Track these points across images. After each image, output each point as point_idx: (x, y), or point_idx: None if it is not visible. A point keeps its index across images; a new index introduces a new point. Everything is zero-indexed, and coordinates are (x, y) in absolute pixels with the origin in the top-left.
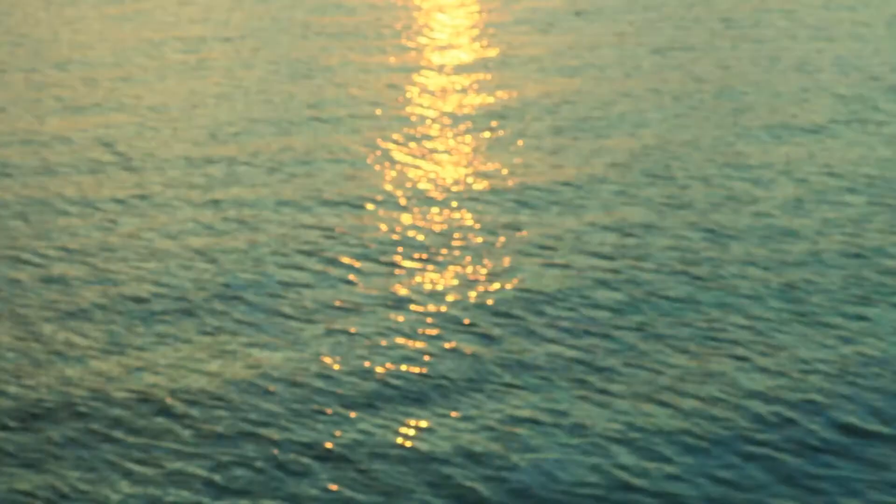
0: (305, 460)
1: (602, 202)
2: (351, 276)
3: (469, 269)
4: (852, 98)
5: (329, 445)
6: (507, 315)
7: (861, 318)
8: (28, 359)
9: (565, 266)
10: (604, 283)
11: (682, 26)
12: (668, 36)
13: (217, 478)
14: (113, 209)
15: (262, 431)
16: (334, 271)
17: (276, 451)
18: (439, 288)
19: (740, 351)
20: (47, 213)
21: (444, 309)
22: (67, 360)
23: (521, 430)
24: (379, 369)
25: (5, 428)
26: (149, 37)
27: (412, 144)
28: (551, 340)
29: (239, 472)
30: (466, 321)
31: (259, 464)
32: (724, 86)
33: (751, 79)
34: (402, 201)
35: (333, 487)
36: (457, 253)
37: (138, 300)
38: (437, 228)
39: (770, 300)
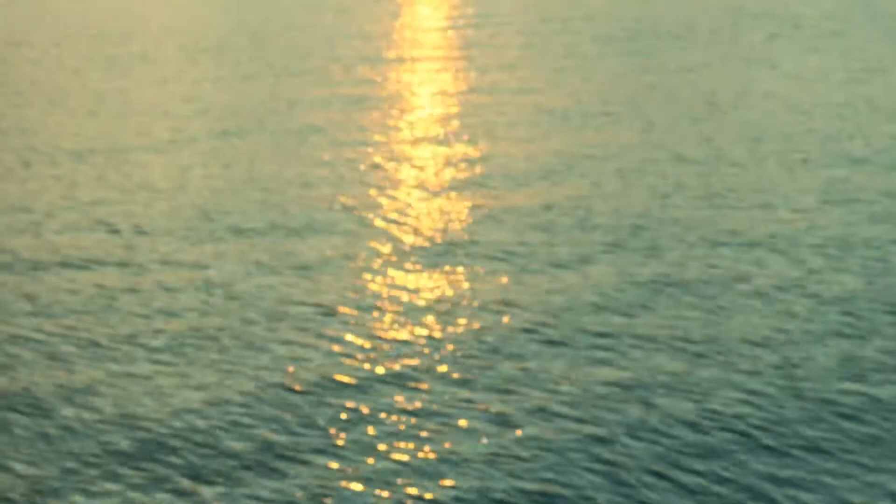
0: None
1: (593, 280)
2: (342, 353)
3: (461, 348)
4: (837, 176)
5: None
6: (503, 393)
7: (856, 393)
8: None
9: (559, 344)
10: (598, 362)
11: (667, 106)
12: (653, 115)
13: None
14: (102, 280)
15: None
16: (322, 345)
17: None
18: (432, 365)
19: (740, 426)
20: (37, 286)
21: (437, 386)
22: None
23: None
24: (373, 457)
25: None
26: (136, 113)
27: (401, 218)
28: (546, 418)
29: None
30: (461, 400)
31: None
32: (710, 164)
33: (736, 157)
34: (393, 275)
35: None
36: (448, 330)
37: (129, 364)
38: (429, 305)
39: (765, 376)
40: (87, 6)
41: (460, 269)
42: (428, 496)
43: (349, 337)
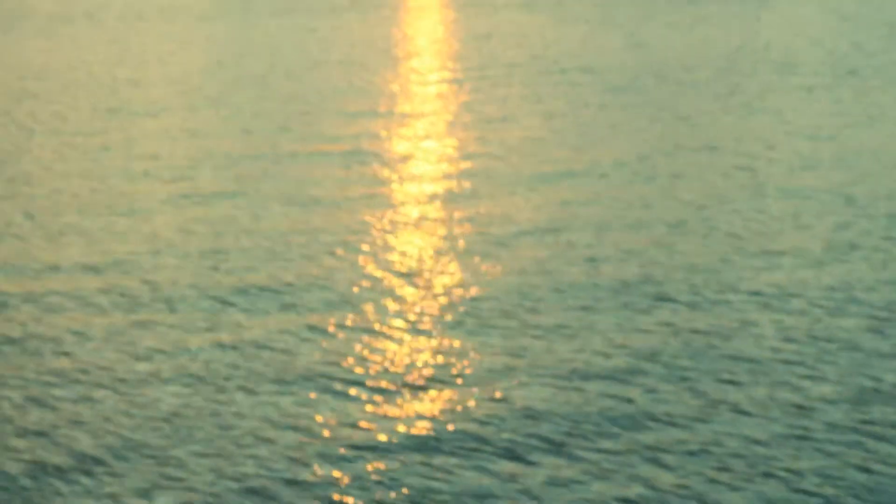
0: None
1: (601, 327)
2: (348, 407)
3: (475, 395)
4: (841, 223)
5: None
6: (516, 438)
7: (867, 436)
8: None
9: (569, 390)
10: (607, 409)
11: (669, 154)
12: (656, 164)
13: None
14: (106, 336)
15: None
16: (332, 400)
17: None
18: (444, 413)
19: (752, 472)
20: (39, 341)
21: (449, 431)
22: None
23: None
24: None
25: None
26: (136, 166)
27: (405, 270)
28: (558, 463)
29: None
30: (472, 446)
31: None
32: (714, 213)
33: (740, 206)
34: (400, 327)
35: None
36: (461, 378)
37: (134, 427)
38: (439, 354)
39: (775, 424)
40: (89, 57)
41: (468, 318)
42: None
43: (356, 388)
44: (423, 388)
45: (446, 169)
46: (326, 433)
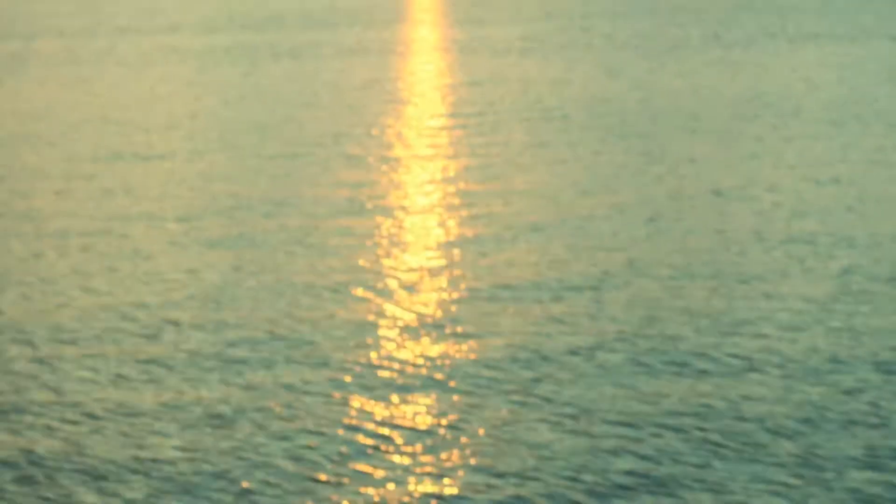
0: None
1: (608, 368)
2: (359, 449)
3: (484, 438)
4: (844, 265)
5: None
6: (527, 480)
7: (878, 482)
8: None
9: (576, 434)
10: (615, 451)
11: (674, 199)
12: (660, 208)
13: None
14: (116, 376)
15: None
16: (343, 442)
17: None
18: (454, 453)
19: None
20: (51, 376)
21: (459, 471)
22: None
23: None
24: None
25: None
26: (140, 209)
27: (413, 314)
28: None
29: None
30: (484, 484)
31: None
32: (719, 257)
33: (745, 250)
34: (407, 370)
35: None
36: (469, 420)
37: (135, 469)
38: (448, 396)
39: (786, 467)
40: (94, 99)
41: (476, 362)
42: None
43: (365, 430)
44: (432, 431)
45: (451, 214)
46: (338, 473)
